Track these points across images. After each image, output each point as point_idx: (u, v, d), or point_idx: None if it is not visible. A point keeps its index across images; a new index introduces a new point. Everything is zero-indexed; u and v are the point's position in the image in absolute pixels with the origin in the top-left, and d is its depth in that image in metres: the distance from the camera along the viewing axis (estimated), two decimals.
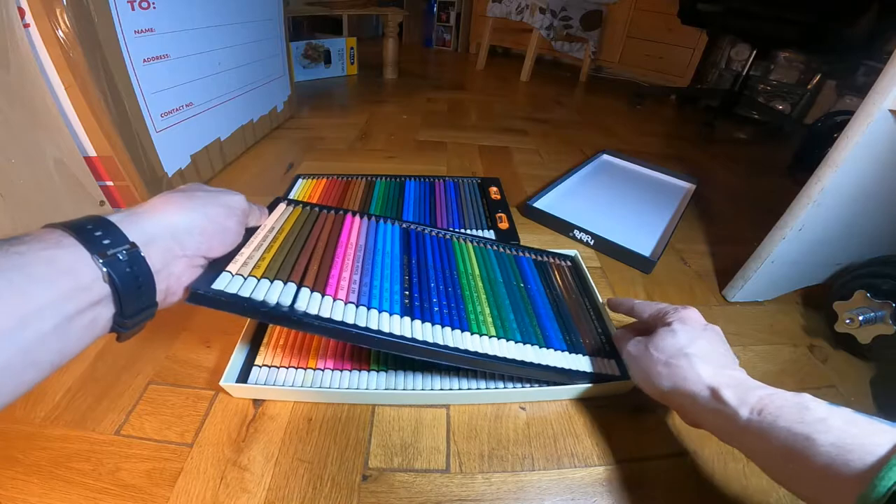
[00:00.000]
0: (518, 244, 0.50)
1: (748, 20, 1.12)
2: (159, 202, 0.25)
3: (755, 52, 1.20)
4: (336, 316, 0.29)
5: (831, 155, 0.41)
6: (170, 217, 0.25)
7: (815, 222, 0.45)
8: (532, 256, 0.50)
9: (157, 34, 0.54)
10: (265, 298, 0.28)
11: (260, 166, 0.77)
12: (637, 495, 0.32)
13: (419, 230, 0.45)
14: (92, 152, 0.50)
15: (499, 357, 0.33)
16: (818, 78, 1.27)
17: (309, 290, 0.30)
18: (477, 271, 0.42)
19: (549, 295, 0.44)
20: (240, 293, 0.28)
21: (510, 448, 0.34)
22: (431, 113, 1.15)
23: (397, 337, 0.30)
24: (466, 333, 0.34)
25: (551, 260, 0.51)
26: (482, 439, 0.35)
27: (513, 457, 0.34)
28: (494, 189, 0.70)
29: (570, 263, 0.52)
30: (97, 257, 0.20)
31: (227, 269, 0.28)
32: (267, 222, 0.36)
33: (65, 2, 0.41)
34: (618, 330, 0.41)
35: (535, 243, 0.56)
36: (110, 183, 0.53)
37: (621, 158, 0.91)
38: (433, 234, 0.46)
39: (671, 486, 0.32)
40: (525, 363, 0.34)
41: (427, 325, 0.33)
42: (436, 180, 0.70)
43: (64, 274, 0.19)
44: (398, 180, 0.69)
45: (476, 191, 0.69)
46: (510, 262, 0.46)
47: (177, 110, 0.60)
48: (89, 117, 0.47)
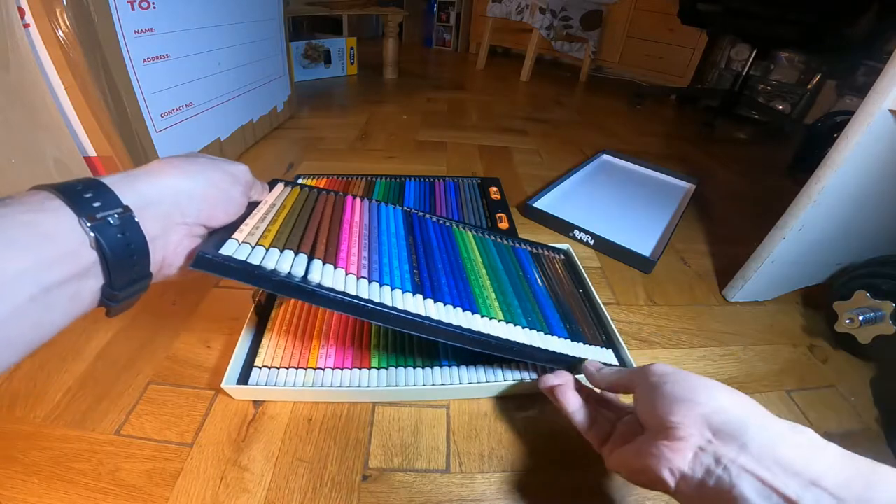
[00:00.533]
0: (514, 237, 0.51)
1: (748, 20, 1.12)
2: (159, 164, 0.23)
3: (755, 52, 1.20)
4: (350, 290, 0.28)
5: (831, 155, 0.41)
6: (170, 180, 0.23)
7: (815, 222, 0.45)
8: (528, 248, 0.50)
9: (157, 34, 0.54)
10: (276, 267, 0.26)
11: (260, 166, 0.77)
12: (637, 495, 0.32)
13: (421, 215, 0.45)
14: (92, 152, 0.50)
15: (512, 341, 0.33)
16: (818, 78, 1.27)
17: (321, 262, 0.29)
18: (479, 258, 0.42)
19: (547, 285, 0.45)
20: (249, 260, 0.26)
21: (510, 448, 0.34)
22: (431, 113, 1.15)
23: (413, 315, 0.29)
24: (477, 316, 0.33)
25: (546, 252, 0.52)
26: (482, 439, 0.35)
27: (513, 457, 0.34)
28: (494, 189, 0.70)
29: (564, 257, 0.53)
30: (85, 220, 0.18)
31: (234, 237, 0.26)
32: (268, 198, 0.35)
33: (65, 2, 0.41)
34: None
35: None
36: None
37: (621, 158, 0.91)
38: (434, 220, 0.45)
39: None
40: (537, 349, 0.34)
41: (440, 305, 0.32)
42: (436, 180, 0.70)
43: (44, 239, 0.17)
44: (398, 180, 0.69)
45: (476, 191, 0.69)
46: (508, 252, 0.47)
47: (177, 110, 0.60)
48: (89, 117, 0.47)
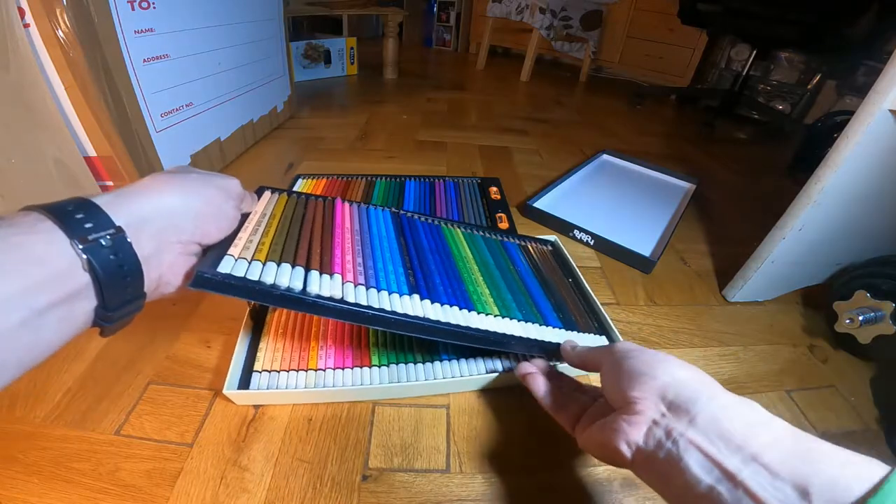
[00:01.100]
0: (501, 231, 0.52)
1: (748, 20, 1.12)
2: (151, 182, 0.23)
3: (755, 52, 1.20)
4: (349, 298, 0.28)
5: (831, 155, 0.41)
6: (164, 198, 0.22)
7: (815, 222, 0.45)
8: (517, 242, 0.51)
9: (157, 34, 0.54)
10: (275, 282, 0.26)
11: (260, 166, 0.77)
12: (637, 495, 0.32)
13: (409, 216, 0.45)
14: (92, 152, 0.50)
15: (509, 335, 0.34)
16: (818, 78, 1.27)
17: (318, 273, 0.29)
18: (469, 254, 0.43)
19: (538, 276, 0.45)
20: (248, 276, 0.26)
21: (510, 448, 0.34)
22: (431, 113, 1.15)
23: (412, 317, 0.30)
24: (473, 313, 0.34)
25: (534, 245, 0.53)
26: (482, 439, 0.35)
27: (513, 457, 0.34)
28: (494, 189, 0.70)
29: (551, 248, 0.54)
30: (76, 242, 0.18)
31: (230, 253, 0.27)
32: (257, 208, 0.35)
33: (65, 2, 0.41)
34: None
35: None
36: (110, 183, 0.52)
37: (621, 158, 0.91)
38: (423, 220, 0.46)
39: None
40: (534, 340, 0.35)
41: (437, 305, 0.33)
42: (436, 180, 0.70)
43: (35, 262, 0.17)
44: (398, 180, 0.69)
45: (476, 191, 0.69)
46: (498, 247, 0.48)
47: (177, 110, 0.60)
48: (89, 117, 0.47)
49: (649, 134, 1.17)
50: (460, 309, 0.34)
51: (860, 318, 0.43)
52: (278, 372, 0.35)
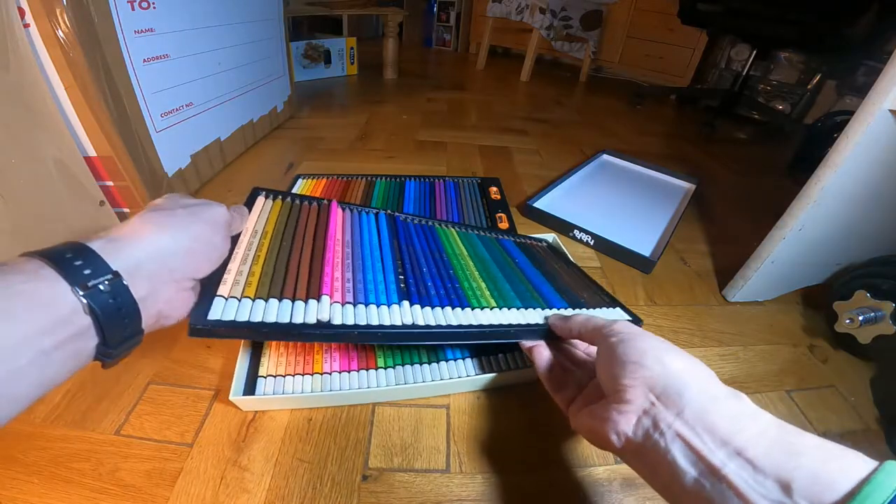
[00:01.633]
0: (495, 229, 0.53)
1: (748, 20, 1.12)
2: (140, 225, 0.24)
3: (755, 52, 1.20)
4: (335, 320, 0.29)
5: (831, 155, 0.41)
6: (154, 241, 0.23)
7: (815, 222, 0.45)
8: (512, 239, 0.51)
9: (157, 34, 0.54)
10: (263, 319, 0.27)
11: (260, 166, 0.77)
12: (637, 495, 0.32)
13: (402, 218, 0.46)
14: (92, 152, 0.50)
15: (506, 325, 0.33)
16: (818, 78, 1.27)
17: (304, 303, 0.29)
18: (465, 251, 0.44)
19: (538, 267, 0.46)
20: (237, 319, 0.27)
21: (510, 448, 0.34)
22: (431, 113, 1.15)
23: (399, 327, 0.30)
24: (468, 310, 0.34)
25: (530, 242, 0.53)
26: (482, 439, 0.35)
27: (513, 457, 0.34)
28: (494, 189, 0.70)
29: (547, 245, 0.55)
30: (77, 289, 0.19)
31: (219, 294, 0.27)
32: (248, 224, 0.35)
33: (65, 2, 0.41)
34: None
35: None
36: (110, 183, 0.53)
37: (621, 158, 0.91)
38: (416, 223, 0.47)
39: None
40: (535, 326, 0.34)
41: (427, 310, 0.33)
42: (436, 180, 0.70)
43: (42, 307, 0.18)
44: (398, 180, 0.69)
45: (476, 191, 0.69)
46: (493, 243, 0.48)
47: (177, 110, 0.60)
48: (89, 117, 0.47)
49: (649, 134, 1.17)
50: (453, 308, 0.34)
51: (860, 318, 0.43)
52: (283, 377, 0.35)
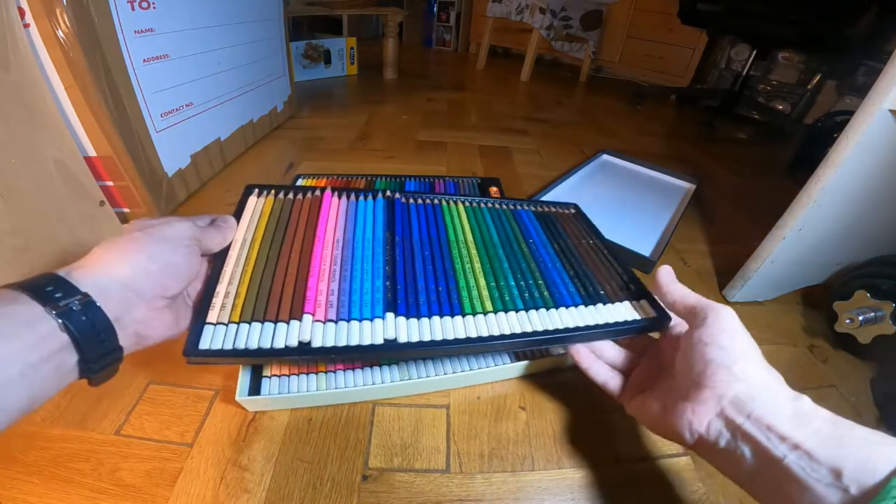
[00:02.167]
0: (512, 199, 0.48)
1: (748, 20, 1.12)
2: (101, 253, 0.25)
3: (755, 52, 1.20)
4: (315, 341, 0.29)
5: (831, 155, 0.41)
6: (115, 267, 0.25)
7: (815, 222, 0.45)
8: (532, 209, 0.47)
9: (157, 34, 0.54)
10: (246, 346, 0.28)
11: (260, 166, 0.77)
12: (636, 495, 0.32)
13: (404, 200, 0.43)
14: (92, 152, 0.50)
15: (496, 337, 0.31)
16: (818, 78, 1.27)
17: (286, 325, 0.30)
18: (470, 237, 0.40)
19: (556, 246, 0.42)
20: (224, 347, 0.28)
21: (510, 448, 0.34)
22: (431, 113, 1.15)
23: (379, 346, 0.30)
24: (458, 318, 0.32)
25: (553, 210, 0.48)
26: (482, 439, 0.35)
27: (513, 457, 0.34)
28: (494, 189, 0.70)
29: (574, 211, 0.50)
30: (50, 309, 0.21)
31: (209, 321, 0.29)
32: (238, 234, 0.35)
33: (65, 2, 0.41)
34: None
35: None
36: (110, 183, 0.53)
37: (621, 158, 0.91)
38: (419, 203, 0.44)
39: (670, 487, 0.32)
40: (529, 335, 0.32)
41: (413, 322, 0.32)
42: (436, 180, 0.70)
43: (25, 326, 0.20)
44: (398, 180, 0.69)
45: (476, 190, 0.69)
46: (507, 219, 0.44)
47: (177, 110, 0.60)
48: (89, 117, 0.47)
49: (649, 134, 1.17)
50: (442, 317, 0.32)
51: (860, 318, 0.43)
52: (288, 376, 0.35)
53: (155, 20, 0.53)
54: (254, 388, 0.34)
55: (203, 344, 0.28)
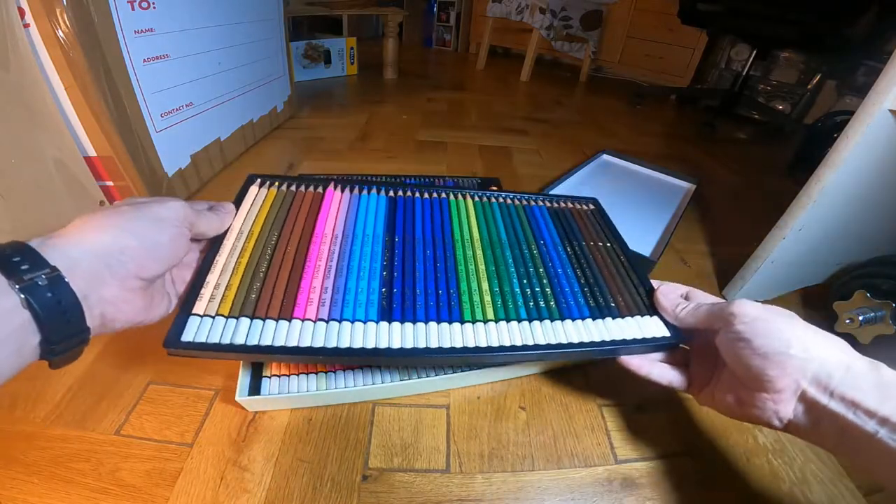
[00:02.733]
0: (527, 193, 0.45)
1: (748, 20, 1.12)
2: (81, 223, 0.23)
3: (755, 52, 1.20)
4: (304, 341, 0.28)
5: (831, 155, 0.41)
6: (90, 239, 0.23)
7: (815, 222, 0.45)
8: (546, 204, 0.44)
9: (157, 34, 0.54)
10: (232, 340, 0.27)
11: (260, 166, 0.77)
12: (637, 495, 0.32)
13: (408, 195, 0.41)
14: (92, 152, 0.49)
15: (496, 349, 0.30)
16: (818, 78, 1.27)
17: (275, 322, 0.29)
18: (476, 235, 0.38)
19: (569, 249, 0.39)
20: (209, 340, 0.27)
21: (510, 448, 0.34)
22: (431, 113, 1.15)
23: (370, 350, 0.28)
24: (457, 325, 0.31)
25: (570, 205, 0.45)
26: (482, 439, 0.35)
27: (513, 457, 0.34)
28: (494, 189, 0.70)
29: (593, 207, 0.46)
30: (13, 283, 0.19)
31: (195, 312, 0.28)
32: (235, 224, 0.33)
33: (65, 2, 0.41)
34: (662, 287, 0.34)
35: None
36: (110, 183, 0.53)
37: (621, 158, 0.91)
38: (425, 198, 0.41)
39: (671, 486, 0.32)
40: (530, 348, 0.30)
41: (408, 326, 0.30)
42: (436, 180, 0.70)
43: None
44: (398, 180, 0.69)
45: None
46: (518, 215, 0.42)
47: (177, 110, 0.60)
48: (89, 117, 0.47)
49: (649, 134, 1.17)
50: (439, 323, 0.30)
51: (860, 318, 0.43)
52: (288, 376, 0.35)
53: (155, 20, 0.53)
54: (254, 388, 0.34)
55: (187, 336, 0.26)
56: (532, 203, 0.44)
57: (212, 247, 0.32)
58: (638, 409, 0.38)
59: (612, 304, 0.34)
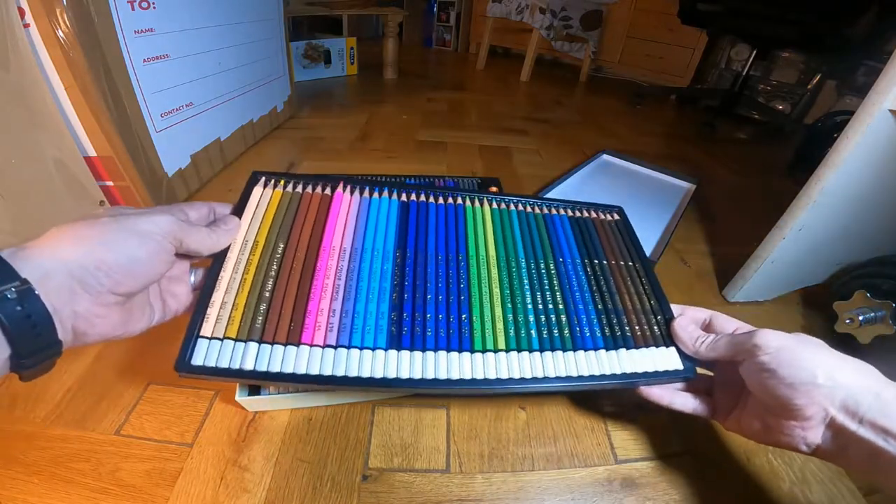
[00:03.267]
0: (547, 199, 0.42)
1: (748, 20, 1.12)
2: (54, 233, 0.22)
3: (755, 52, 1.20)
4: (312, 368, 0.28)
5: (831, 155, 0.41)
6: (66, 251, 0.22)
7: (815, 222, 0.45)
8: (568, 213, 0.41)
9: (157, 34, 0.54)
10: (241, 366, 0.27)
11: (260, 166, 0.76)
12: (637, 495, 0.32)
13: (422, 200, 0.38)
14: (92, 152, 0.50)
15: (504, 379, 0.29)
16: (818, 78, 1.27)
17: (282, 346, 0.28)
18: (492, 251, 0.36)
19: (589, 269, 0.37)
20: (218, 365, 0.27)
21: (510, 448, 0.34)
22: (431, 113, 1.15)
23: (378, 380, 0.28)
24: (466, 354, 0.30)
25: (594, 214, 0.42)
26: (482, 439, 0.35)
27: (513, 457, 0.34)
28: (494, 189, 0.70)
29: (617, 217, 0.43)
30: None
31: (203, 335, 0.27)
32: (240, 233, 0.32)
33: (65, 2, 0.41)
34: (680, 319, 0.33)
35: None
36: (110, 183, 0.53)
37: (621, 158, 0.91)
38: (439, 203, 0.38)
39: (671, 486, 0.32)
40: (540, 380, 0.30)
41: (417, 355, 0.29)
42: (436, 180, 0.70)
43: None
44: (398, 180, 0.69)
45: (476, 190, 0.69)
46: (538, 226, 0.39)
47: (177, 110, 0.60)
48: (89, 117, 0.47)
49: (649, 134, 1.17)
50: (449, 352, 0.30)
51: (860, 318, 0.43)
52: None
53: (155, 20, 0.53)
54: (254, 388, 0.34)
55: (196, 360, 0.26)
56: (553, 211, 0.41)
57: (216, 259, 0.30)
58: (638, 409, 0.38)
59: (629, 334, 0.33)
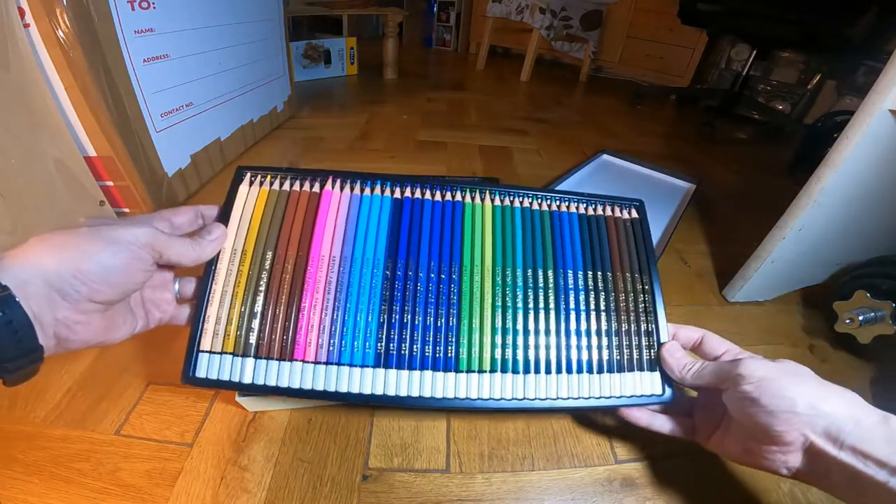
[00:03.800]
0: (557, 192, 0.37)
1: (748, 20, 1.12)
2: (33, 243, 0.23)
3: (755, 52, 1.20)
4: (305, 383, 0.30)
5: (831, 155, 0.41)
6: (40, 261, 0.22)
7: (815, 222, 0.45)
8: (581, 209, 0.37)
9: (157, 34, 0.54)
10: (240, 379, 0.29)
11: None
12: (637, 495, 0.32)
13: (418, 198, 0.36)
14: (92, 152, 0.50)
15: (485, 399, 0.30)
16: (818, 78, 1.27)
17: (277, 362, 0.30)
18: (489, 259, 0.34)
19: (591, 281, 0.34)
20: (220, 378, 0.29)
21: (510, 448, 0.34)
22: (431, 113, 1.15)
23: (367, 396, 0.30)
24: (451, 374, 0.31)
25: (609, 211, 0.38)
26: (482, 439, 0.35)
27: (513, 457, 0.34)
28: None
29: (635, 215, 0.38)
30: None
31: (203, 349, 0.29)
32: (227, 241, 0.32)
33: (65, 2, 0.41)
34: (668, 344, 0.33)
35: None
36: (110, 183, 0.53)
37: (621, 158, 0.91)
38: (436, 199, 0.36)
39: (671, 486, 0.32)
40: (518, 400, 0.31)
41: (404, 374, 0.30)
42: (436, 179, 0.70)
43: None
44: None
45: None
46: (543, 229, 0.36)
47: (177, 110, 0.60)
48: (89, 117, 0.47)
49: (649, 134, 1.17)
50: (434, 371, 0.30)
51: (860, 318, 0.43)
52: None
53: (155, 20, 0.53)
54: None
55: (199, 372, 0.29)
56: (563, 208, 0.37)
57: (206, 271, 0.30)
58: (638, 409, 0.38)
59: (616, 357, 0.33)
